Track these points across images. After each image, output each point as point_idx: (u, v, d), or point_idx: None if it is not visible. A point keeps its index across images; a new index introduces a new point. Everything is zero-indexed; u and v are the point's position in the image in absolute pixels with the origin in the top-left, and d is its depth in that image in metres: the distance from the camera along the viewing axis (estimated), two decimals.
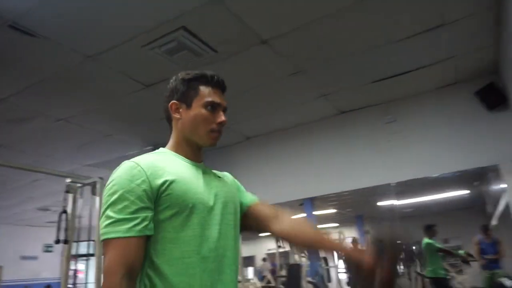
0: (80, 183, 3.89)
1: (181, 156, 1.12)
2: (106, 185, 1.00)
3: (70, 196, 3.83)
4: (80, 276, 4.20)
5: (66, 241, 3.62)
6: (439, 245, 5.33)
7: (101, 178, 3.78)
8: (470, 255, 6.10)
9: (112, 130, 4.11)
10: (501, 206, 4.74)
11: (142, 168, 0.99)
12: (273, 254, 8.78)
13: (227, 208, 1.11)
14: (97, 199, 3.72)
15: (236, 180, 1.27)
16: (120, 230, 0.94)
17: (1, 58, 2.69)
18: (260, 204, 1.24)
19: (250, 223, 1.22)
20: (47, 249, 9.50)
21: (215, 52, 2.78)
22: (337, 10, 2.47)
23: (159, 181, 0.99)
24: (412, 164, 3.71)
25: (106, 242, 0.94)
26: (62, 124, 3.80)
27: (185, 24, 2.45)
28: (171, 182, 1.00)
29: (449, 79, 3.58)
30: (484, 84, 3.40)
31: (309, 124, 4.35)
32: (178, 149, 1.13)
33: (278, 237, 1.22)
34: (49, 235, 4.99)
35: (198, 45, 2.66)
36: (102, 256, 0.97)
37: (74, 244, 3.98)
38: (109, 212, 0.95)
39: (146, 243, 0.98)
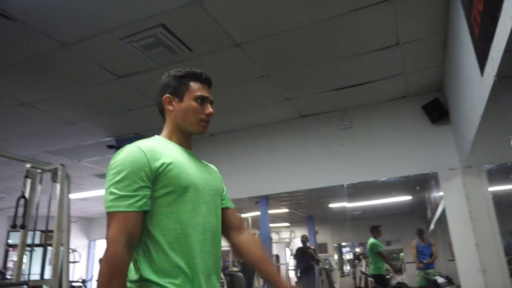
0: (40, 169, 3.86)
1: (175, 143, 1.30)
2: (111, 165, 1.16)
3: (28, 182, 3.79)
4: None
5: (23, 226, 3.59)
6: (380, 248, 5.82)
7: (63, 165, 3.78)
8: (399, 270, 6.97)
9: (76, 118, 4.09)
10: (438, 212, 5.21)
11: (143, 152, 1.16)
12: (226, 251, 8.95)
13: (212, 191, 1.30)
14: (58, 186, 3.71)
15: (221, 177, 1.46)
16: (123, 205, 1.09)
17: None
18: (233, 213, 1.43)
19: None
20: None
21: (190, 51, 2.92)
22: (306, 24, 2.70)
23: (158, 163, 1.16)
24: (362, 168, 4.04)
25: (110, 215, 1.10)
26: (25, 108, 3.75)
27: (164, 22, 2.58)
28: (168, 164, 1.17)
29: (400, 92, 3.94)
30: (430, 99, 3.78)
31: (271, 124, 4.57)
32: (171, 137, 1.31)
33: (232, 246, 1.41)
34: None
35: (174, 43, 2.79)
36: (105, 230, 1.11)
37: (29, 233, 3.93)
38: (113, 189, 1.11)
39: (144, 217, 1.13)
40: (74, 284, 6.06)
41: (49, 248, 3.69)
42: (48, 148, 4.87)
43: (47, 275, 3.59)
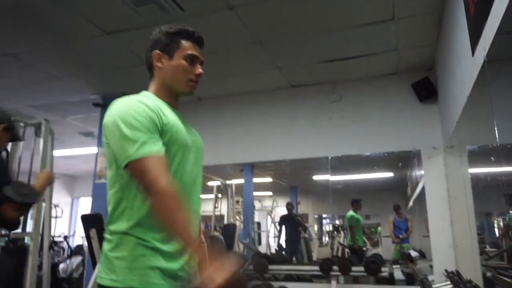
0: (23, 122, 3.79)
1: (164, 101, 1.28)
2: (113, 115, 1.12)
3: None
4: None
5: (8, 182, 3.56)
6: (355, 222, 5.99)
7: (46, 120, 3.72)
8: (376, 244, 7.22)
9: (62, 73, 3.99)
10: (418, 189, 5.34)
11: (148, 106, 1.15)
12: (208, 216, 9.08)
13: (199, 154, 1.32)
14: (41, 141, 3.66)
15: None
16: (154, 150, 1.08)
17: None
18: None
19: None
20: None
21: (182, 10, 2.84)
22: None
23: (163, 119, 1.15)
24: (348, 141, 4.08)
25: (144, 160, 1.06)
26: (8, 59, 3.64)
27: None
28: (170, 121, 1.17)
29: (391, 69, 3.94)
30: (420, 77, 3.79)
31: (260, 93, 4.54)
32: (159, 95, 1.29)
33: None
34: None
35: (165, 0, 2.70)
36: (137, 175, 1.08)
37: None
38: (137, 137, 1.07)
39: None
40: (56, 239, 6.11)
41: None
42: (32, 102, 4.77)
43: (29, 228, 3.61)
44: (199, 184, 1.28)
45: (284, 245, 7.19)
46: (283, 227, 7.24)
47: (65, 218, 9.57)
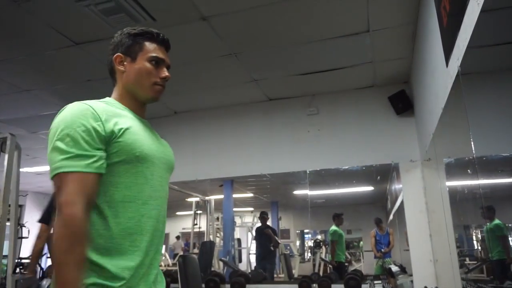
0: None
1: (128, 109, 1.18)
2: (57, 122, 1.03)
3: None
4: None
5: None
6: (336, 238, 5.94)
7: (12, 134, 3.55)
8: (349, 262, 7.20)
9: (31, 85, 3.84)
10: (398, 203, 5.32)
11: (96, 112, 1.04)
12: (188, 233, 8.87)
13: (166, 165, 1.21)
14: (6, 157, 3.48)
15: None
16: (80, 165, 0.97)
17: None
18: None
19: None
20: None
21: (153, 20, 2.76)
22: (277, 1, 2.60)
23: (112, 127, 1.04)
24: (326, 155, 4.03)
25: (61, 177, 0.96)
26: None
27: None
28: (124, 130, 1.06)
29: (367, 82, 3.93)
30: (397, 90, 3.79)
31: (237, 106, 4.47)
32: (122, 102, 1.19)
33: None
34: None
35: (136, 10, 2.62)
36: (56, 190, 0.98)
37: None
38: (64, 147, 0.97)
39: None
40: (24, 261, 5.81)
41: None
42: (0, 116, 4.58)
43: None
44: (164, 198, 1.18)
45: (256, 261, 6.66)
46: (257, 242, 6.68)
47: (32, 237, 9.17)
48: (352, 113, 4.05)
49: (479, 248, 4.36)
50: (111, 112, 1.08)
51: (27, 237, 5.86)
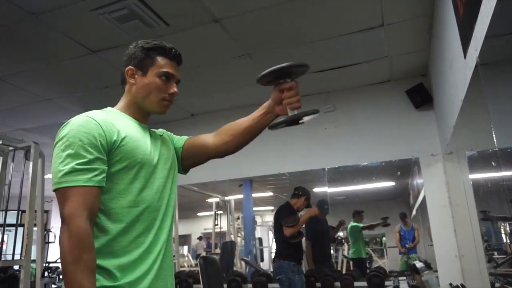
0: (12, 146, 3.72)
1: (129, 116, 1.20)
2: (60, 136, 1.06)
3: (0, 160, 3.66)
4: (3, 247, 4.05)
5: None
6: (361, 225, 5.84)
7: (36, 143, 3.65)
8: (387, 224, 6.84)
9: (51, 94, 3.94)
10: (420, 198, 5.23)
11: (98, 123, 1.07)
12: (209, 233, 8.92)
13: (168, 165, 1.24)
14: (31, 164, 3.59)
15: (168, 133, 1.40)
16: (81, 179, 1.00)
17: None
18: (192, 138, 1.41)
19: (191, 157, 1.37)
20: None
21: (166, 25, 2.79)
22: (288, 0, 2.59)
23: (114, 137, 1.08)
24: (344, 152, 4.00)
25: (64, 191, 0.99)
26: None
27: None
28: (124, 138, 1.10)
29: (384, 76, 3.87)
30: (414, 84, 3.72)
31: (253, 106, 4.39)
32: (127, 111, 1.22)
33: (223, 146, 1.41)
34: None
35: (150, 16, 2.65)
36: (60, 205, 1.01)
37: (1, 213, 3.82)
38: (67, 162, 1.01)
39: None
40: (52, 265, 5.97)
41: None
42: (23, 125, 4.71)
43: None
44: (170, 202, 1.20)
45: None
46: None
47: None
48: (369, 108, 4.00)
49: (508, 241, 4.25)
50: (112, 122, 1.11)
51: (53, 242, 6.03)
